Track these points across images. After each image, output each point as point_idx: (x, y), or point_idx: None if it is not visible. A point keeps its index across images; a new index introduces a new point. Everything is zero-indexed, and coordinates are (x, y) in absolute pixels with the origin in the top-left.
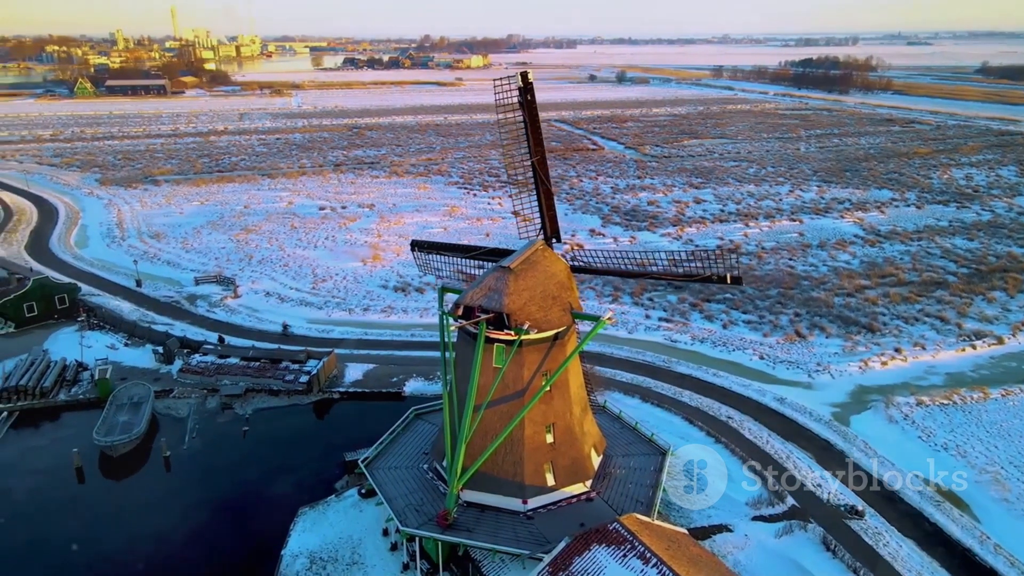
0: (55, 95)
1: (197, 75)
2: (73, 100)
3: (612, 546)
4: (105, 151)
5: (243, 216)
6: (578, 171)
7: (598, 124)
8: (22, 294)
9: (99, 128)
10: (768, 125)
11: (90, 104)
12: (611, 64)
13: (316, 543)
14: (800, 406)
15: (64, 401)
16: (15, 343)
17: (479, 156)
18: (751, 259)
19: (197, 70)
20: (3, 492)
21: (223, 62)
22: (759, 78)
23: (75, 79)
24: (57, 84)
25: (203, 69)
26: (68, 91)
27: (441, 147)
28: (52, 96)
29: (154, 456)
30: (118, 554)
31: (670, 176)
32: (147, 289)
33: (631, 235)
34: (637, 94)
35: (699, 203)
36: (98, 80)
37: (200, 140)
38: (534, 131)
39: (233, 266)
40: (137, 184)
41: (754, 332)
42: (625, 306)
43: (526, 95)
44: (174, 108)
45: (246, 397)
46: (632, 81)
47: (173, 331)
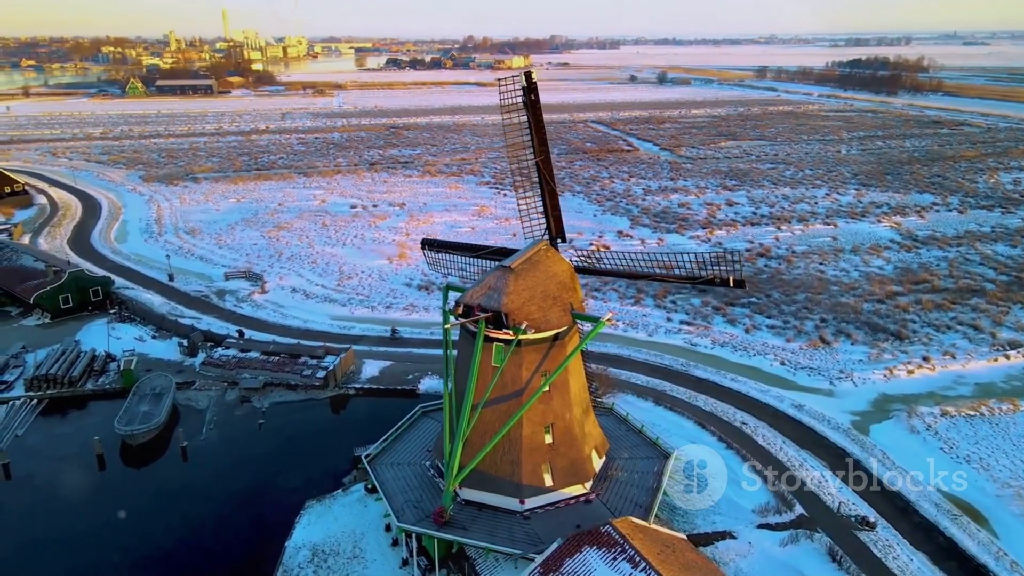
0: (108, 94)
1: (243, 75)
2: (124, 99)
3: (603, 549)
4: (150, 149)
5: (277, 213)
6: (611, 172)
7: (635, 125)
8: (58, 286)
9: (146, 127)
10: (809, 127)
11: (140, 103)
12: (653, 65)
13: (319, 536)
14: (818, 413)
15: (91, 390)
16: (50, 333)
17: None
18: (780, 263)
19: (244, 70)
20: (27, 476)
21: (270, 62)
22: (804, 79)
23: (127, 79)
24: (110, 84)
25: (249, 69)
26: (120, 91)
27: (476, 147)
28: (105, 95)
29: (172, 446)
30: (131, 539)
31: (704, 178)
32: (179, 283)
33: (659, 237)
34: (677, 95)
35: (731, 206)
36: (149, 80)
37: (242, 139)
38: (538, 131)
39: (263, 262)
40: (178, 181)
41: (777, 337)
42: (647, 308)
43: (530, 95)
44: (219, 107)
45: (264, 391)
46: (673, 82)
47: (200, 325)
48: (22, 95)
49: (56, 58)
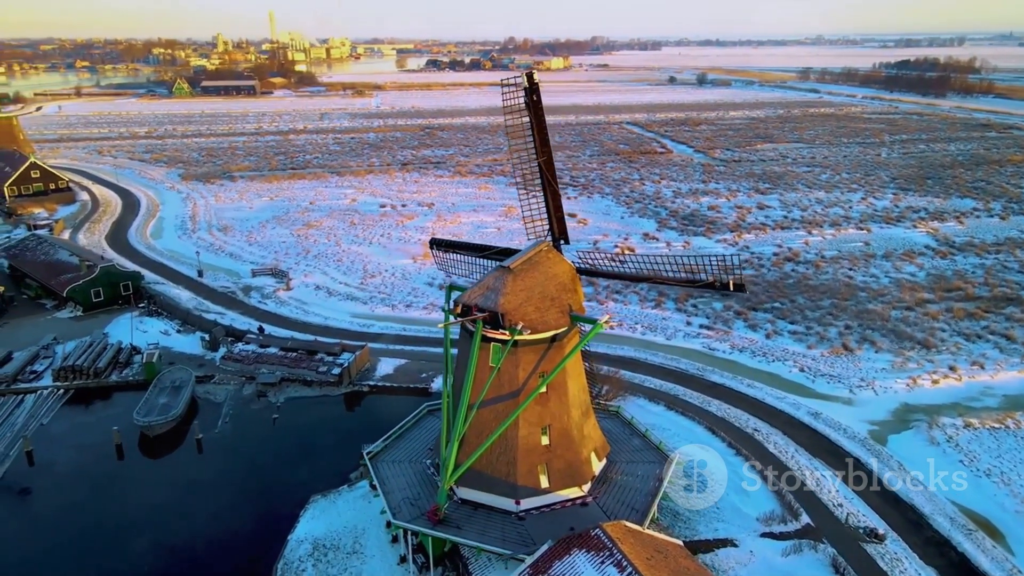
0: (155, 95)
1: (286, 76)
2: (171, 100)
3: (592, 552)
4: (191, 148)
5: (307, 212)
6: (641, 174)
7: (670, 127)
8: (90, 280)
9: (189, 126)
10: (850, 129)
11: (185, 103)
12: (694, 66)
13: (322, 530)
14: (835, 422)
15: (115, 382)
16: (81, 326)
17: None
18: (808, 268)
19: (286, 71)
20: (49, 463)
21: (314, 63)
22: (848, 81)
23: (174, 80)
24: (158, 85)
25: (292, 70)
26: (167, 91)
27: (508, 147)
28: (152, 96)
29: (188, 438)
30: (141, 526)
31: (736, 181)
32: (207, 279)
33: (685, 240)
34: (716, 97)
35: (762, 209)
36: (195, 81)
37: (279, 138)
38: (540, 132)
39: (290, 260)
40: (215, 180)
41: (798, 343)
42: (668, 312)
43: (531, 96)
44: (261, 107)
45: (280, 386)
46: (713, 83)
47: (224, 320)
48: (75, 95)
49: (109, 59)
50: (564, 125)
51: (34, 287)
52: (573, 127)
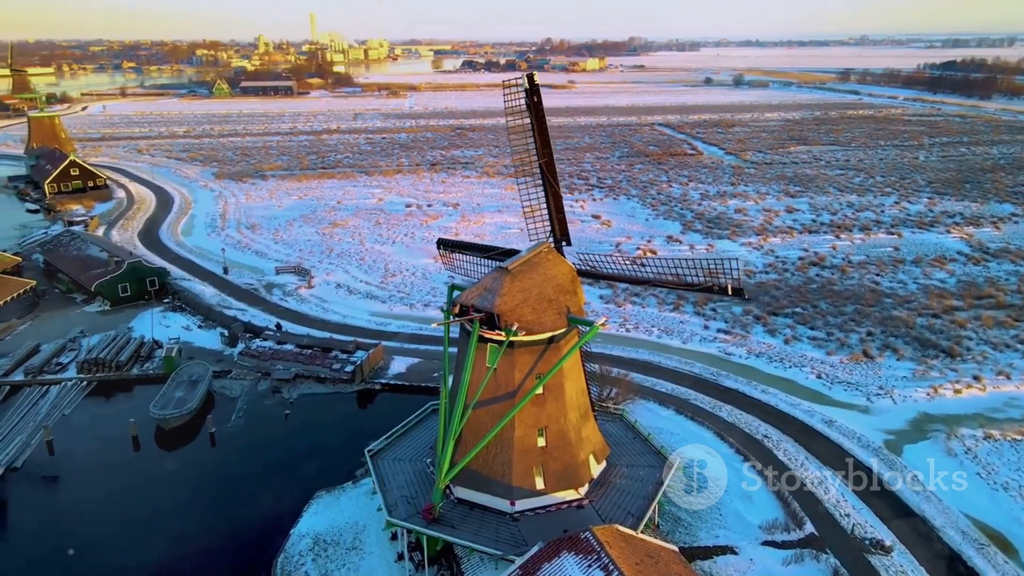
0: (196, 95)
1: (323, 77)
2: (210, 100)
3: (580, 555)
4: (226, 147)
5: (334, 211)
6: (670, 176)
7: (703, 128)
8: (118, 276)
9: (226, 126)
10: (888, 132)
11: (224, 103)
12: (731, 67)
13: (324, 525)
14: (849, 430)
15: (136, 375)
16: (107, 320)
17: (574, 159)
18: (833, 273)
19: (323, 72)
20: (68, 452)
21: (352, 64)
22: (890, 82)
23: (214, 80)
24: (199, 85)
25: (329, 71)
26: (207, 91)
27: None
28: (194, 96)
29: (203, 431)
30: (151, 516)
31: (766, 183)
32: (232, 276)
33: (709, 243)
34: (752, 98)
35: (791, 212)
36: (234, 81)
37: (312, 138)
38: (541, 133)
39: (314, 258)
40: (247, 178)
41: (817, 349)
42: (686, 315)
43: (532, 97)
44: (297, 108)
45: (295, 382)
46: (750, 84)
47: (245, 317)
48: (119, 95)
49: (155, 60)
50: (595, 126)
51: (65, 282)
52: (604, 128)
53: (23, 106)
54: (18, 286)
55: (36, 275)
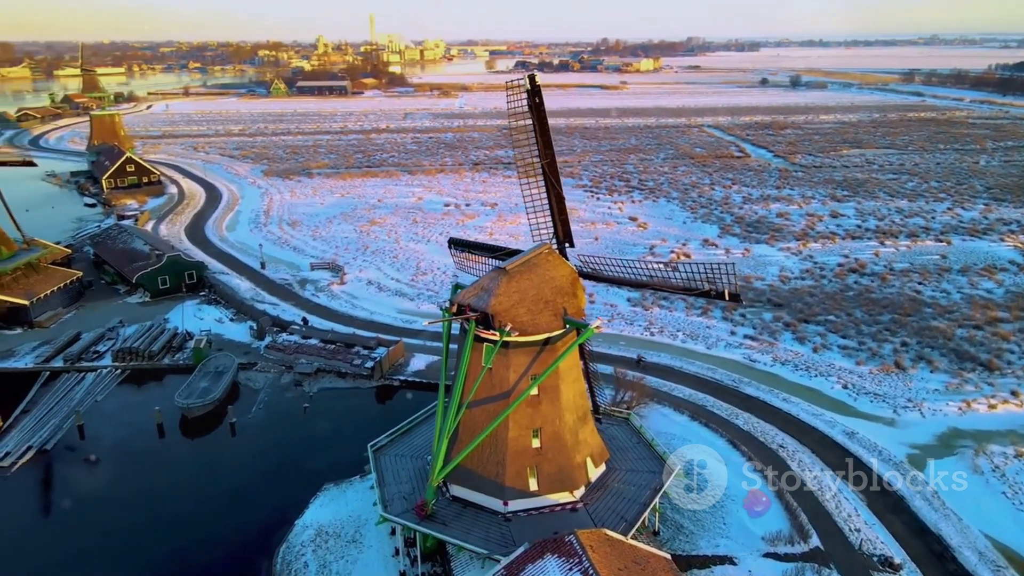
0: (255, 94)
1: (377, 77)
2: (268, 99)
3: (562, 558)
4: (278, 145)
5: (373, 209)
6: (713, 179)
7: (753, 131)
8: (157, 268)
9: (280, 124)
10: (950, 135)
11: (280, 103)
12: (790, 68)
13: (327, 518)
14: (871, 443)
15: (167, 365)
16: (146, 311)
17: (616, 160)
18: (873, 280)
19: (378, 72)
20: (96, 437)
21: (407, 65)
22: (957, 83)
23: (272, 80)
24: (258, 85)
25: (383, 71)
26: (266, 91)
27: (582, 149)
28: (252, 95)
29: (224, 421)
30: (166, 501)
31: (813, 187)
32: (269, 271)
33: (745, 247)
34: (808, 100)
35: (836, 217)
36: (291, 81)
37: (361, 137)
38: (543, 134)
39: (349, 255)
40: (294, 176)
41: (847, 359)
42: (713, 320)
43: (534, 98)
44: (350, 107)
45: (316, 376)
46: (807, 86)
47: (277, 311)
48: (183, 95)
49: (219, 61)
50: (643, 128)
51: (111, 273)
52: (651, 129)
53: (92, 104)
54: (65, 276)
55: (86, 266)
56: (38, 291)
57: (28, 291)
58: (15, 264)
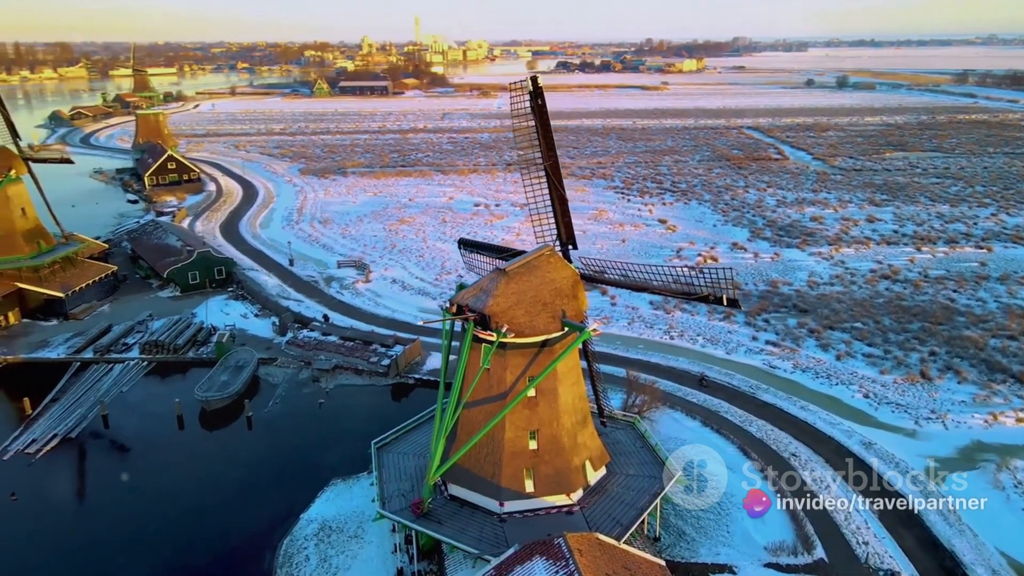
0: (299, 94)
1: (418, 77)
2: (311, 99)
3: (550, 561)
4: (316, 144)
5: (404, 208)
6: (748, 181)
7: (793, 132)
8: (188, 264)
9: (320, 124)
10: (1001, 138)
11: (322, 102)
12: (838, 68)
13: (332, 512)
14: (888, 454)
15: (191, 358)
16: (175, 305)
17: (651, 161)
18: (905, 287)
19: (419, 72)
20: (119, 427)
21: (450, 65)
22: (1013, 84)
23: (315, 80)
24: (302, 84)
25: (424, 71)
26: (309, 91)
27: (616, 151)
28: (296, 95)
29: (242, 415)
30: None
31: (851, 191)
32: (297, 268)
33: (775, 252)
34: (854, 101)
35: (872, 222)
36: (334, 81)
37: (398, 137)
38: (545, 136)
39: (376, 253)
40: (329, 174)
41: (871, 367)
42: (736, 325)
43: (536, 100)
44: (390, 107)
45: (333, 373)
46: (854, 87)
47: (301, 308)
48: (229, 94)
49: (266, 61)
50: (680, 129)
51: (144, 268)
52: (689, 131)
53: (142, 104)
54: (101, 270)
55: (123, 261)
56: (74, 284)
57: (64, 284)
58: (53, 258)
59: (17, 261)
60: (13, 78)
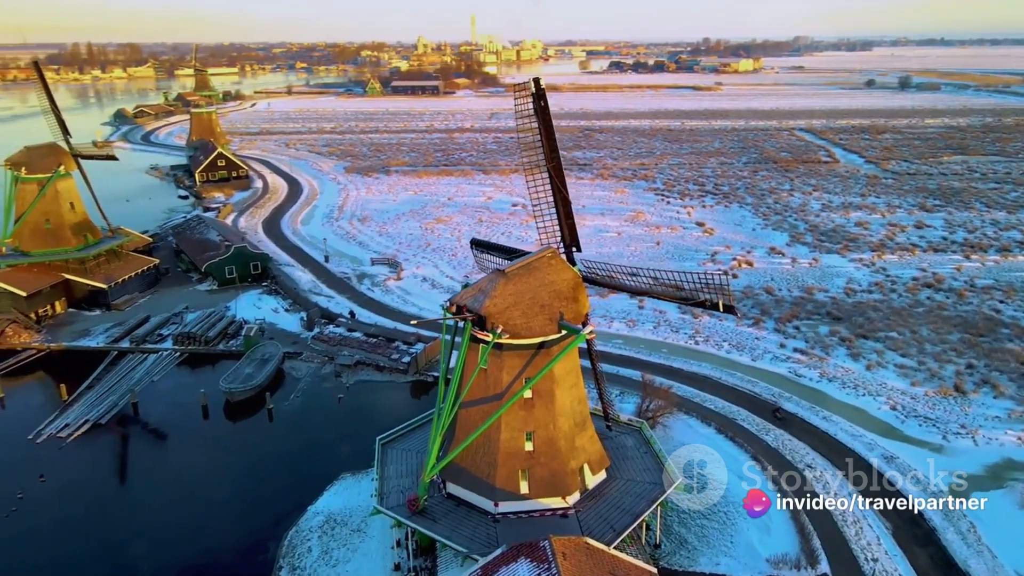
0: (352, 93)
1: (470, 77)
2: (363, 98)
3: (534, 563)
4: (364, 143)
5: (442, 207)
6: (794, 184)
7: (847, 135)
8: (225, 258)
9: (370, 123)
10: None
11: (374, 102)
12: (902, 68)
13: (339, 505)
14: (909, 469)
15: (220, 351)
16: (211, 298)
17: (695, 163)
18: (948, 296)
19: (471, 72)
20: (148, 413)
21: (503, 65)
22: None
23: (368, 80)
24: (356, 84)
25: (476, 71)
26: (362, 90)
27: (661, 152)
28: (349, 95)
29: (263, 407)
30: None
31: (902, 196)
32: (332, 264)
33: (813, 257)
34: (916, 102)
35: (920, 228)
36: (387, 81)
37: (444, 136)
38: (548, 137)
39: (410, 251)
40: (373, 173)
41: (902, 379)
42: (765, 332)
43: (539, 101)
44: (439, 107)
45: (355, 369)
46: (917, 87)
47: (332, 303)
48: (285, 93)
49: (324, 61)
50: (729, 130)
51: (186, 261)
52: (738, 132)
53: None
54: (143, 263)
55: (167, 255)
56: (117, 276)
57: (108, 276)
58: (98, 251)
59: (65, 253)
60: (85, 77)
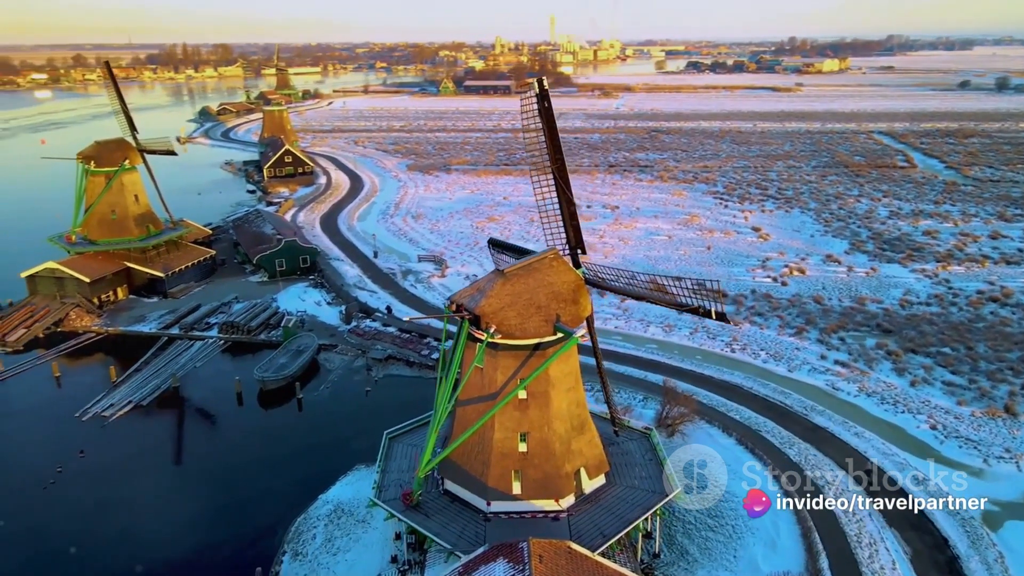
0: (426, 93)
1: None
2: (436, 97)
3: (511, 563)
4: (430, 141)
5: (496, 206)
6: (863, 190)
7: (930, 138)
8: (276, 251)
9: (439, 122)
10: None
11: (446, 101)
12: (1003, 68)
13: (348, 496)
14: (942, 493)
15: (261, 340)
16: (261, 290)
17: (761, 166)
18: (1013, 312)
19: (545, 72)
20: (187, 398)
21: (580, 65)
22: None
23: (442, 79)
24: (431, 83)
25: (550, 71)
26: (435, 89)
27: (727, 154)
28: (423, 94)
29: (294, 396)
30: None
31: (980, 204)
32: (380, 260)
33: (872, 266)
34: (1014, 105)
35: (995, 239)
36: (461, 80)
37: (509, 136)
38: (552, 139)
39: (458, 249)
40: (434, 171)
41: (948, 397)
42: (807, 342)
43: (543, 103)
44: (509, 106)
45: (386, 363)
46: (1017, 89)
47: (375, 298)
48: (361, 92)
49: (403, 61)
50: (803, 133)
51: (241, 253)
52: (812, 135)
53: (281, 101)
54: (200, 254)
55: (226, 246)
56: (174, 266)
57: (166, 265)
58: (158, 241)
59: (127, 242)
60: (179, 76)
